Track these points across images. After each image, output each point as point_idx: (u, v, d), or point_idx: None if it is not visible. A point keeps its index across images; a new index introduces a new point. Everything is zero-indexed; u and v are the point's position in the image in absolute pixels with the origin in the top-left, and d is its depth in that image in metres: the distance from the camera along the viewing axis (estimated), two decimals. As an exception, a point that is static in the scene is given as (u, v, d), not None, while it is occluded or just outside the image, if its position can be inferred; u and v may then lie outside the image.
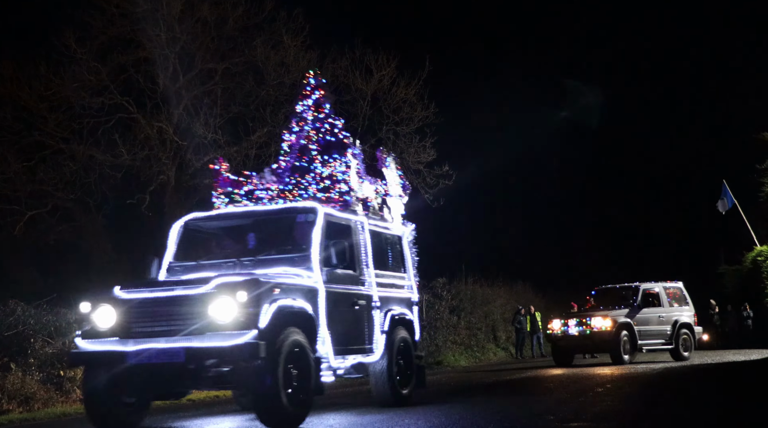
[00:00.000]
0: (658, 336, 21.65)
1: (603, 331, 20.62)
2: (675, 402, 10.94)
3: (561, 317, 22.09)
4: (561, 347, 21.65)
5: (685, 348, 22.10)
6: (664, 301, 22.15)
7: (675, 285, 22.88)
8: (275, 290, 8.78)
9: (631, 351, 20.99)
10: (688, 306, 22.75)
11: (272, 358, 8.43)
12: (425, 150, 22.86)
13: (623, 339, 20.65)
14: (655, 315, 21.73)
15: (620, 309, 21.27)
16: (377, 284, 11.10)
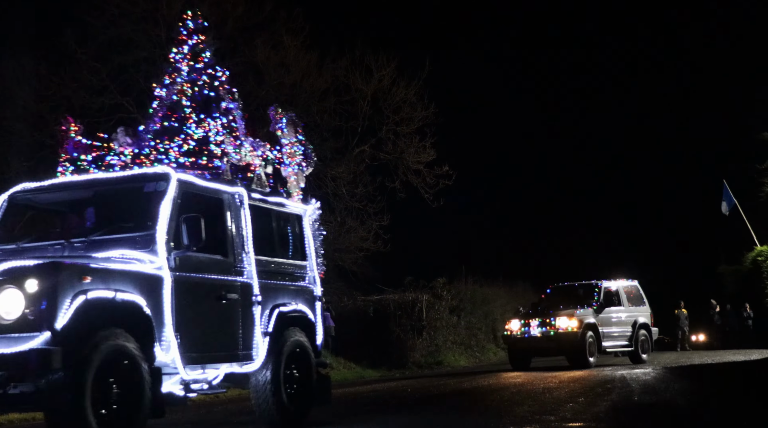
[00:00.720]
0: (620, 337, 20.56)
1: (569, 332, 19.14)
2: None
3: (520, 316, 20.53)
4: (520, 350, 20.02)
5: (644, 350, 21.09)
6: (624, 300, 21.02)
7: (632, 284, 21.86)
8: (85, 278, 6.77)
9: (595, 353, 19.67)
10: (645, 306, 21.76)
11: (76, 370, 6.51)
12: (425, 150, 22.86)
13: (588, 340, 19.32)
14: (617, 315, 20.60)
15: (585, 309, 19.82)
16: (261, 272, 8.87)
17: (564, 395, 11.81)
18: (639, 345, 20.80)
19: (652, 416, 9.49)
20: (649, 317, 21.54)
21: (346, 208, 23.18)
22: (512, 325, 20.12)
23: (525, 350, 19.94)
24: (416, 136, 22.86)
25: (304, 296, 9.71)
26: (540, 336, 19.42)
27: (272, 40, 22.15)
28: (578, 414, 9.20)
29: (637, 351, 20.76)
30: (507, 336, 20.25)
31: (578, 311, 19.56)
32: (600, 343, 19.66)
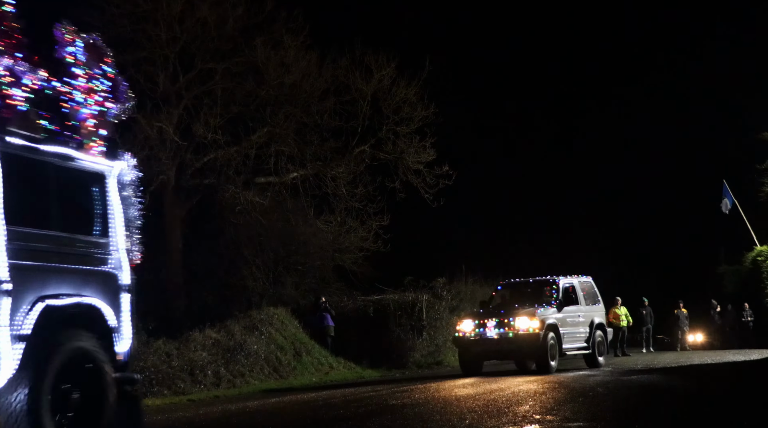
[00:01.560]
0: (579, 338, 18.72)
1: (530, 333, 17.10)
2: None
3: (473, 316, 18.28)
4: (474, 353, 17.81)
5: (600, 352, 19.32)
6: (581, 298, 19.19)
7: (586, 280, 20.04)
8: None
9: (556, 356, 17.71)
10: (600, 304, 20.13)
11: None
12: (425, 150, 22.86)
13: (550, 342, 17.34)
14: (575, 315, 18.70)
15: (546, 308, 17.88)
16: (19, 250, 6.63)
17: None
18: (596, 346, 19.11)
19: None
20: (603, 316, 20.06)
21: (346, 208, 23.18)
22: (464, 326, 17.92)
23: (479, 353, 17.83)
24: (416, 136, 22.86)
25: (99, 285, 7.39)
26: (497, 337, 17.35)
27: (272, 40, 22.15)
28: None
29: (594, 353, 19.02)
30: (458, 338, 18.01)
31: (539, 311, 17.59)
32: (561, 345, 17.78)
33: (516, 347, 17.32)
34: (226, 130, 21.88)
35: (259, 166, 22.54)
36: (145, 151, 20.87)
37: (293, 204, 23.53)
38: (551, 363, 17.30)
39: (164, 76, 21.30)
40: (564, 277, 19.20)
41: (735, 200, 27.56)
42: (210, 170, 22.52)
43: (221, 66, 21.89)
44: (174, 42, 21.39)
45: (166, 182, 21.69)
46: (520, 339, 17.18)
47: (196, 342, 17.58)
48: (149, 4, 20.94)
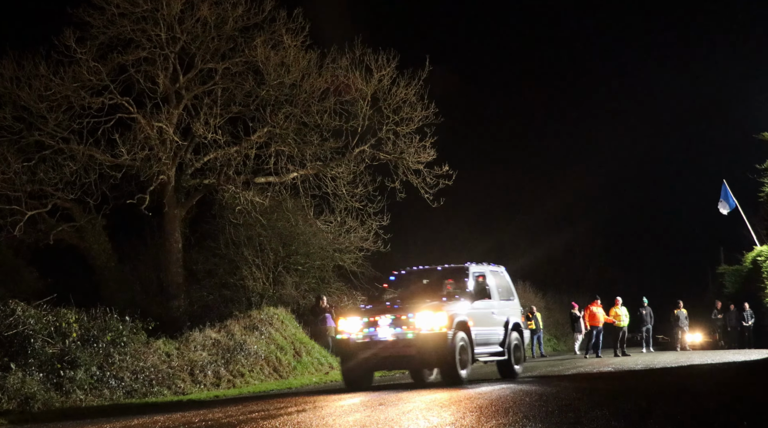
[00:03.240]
0: (493, 341, 15.05)
1: (435, 334, 13.32)
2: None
3: (360, 312, 14.23)
4: (362, 361, 13.81)
5: (517, 359, 15.65)
6: (494, 291, 15.44)
7: (498, 270, 16.44)
8: None
9: (467, 362, 13.90)
10: (515, 300, 16.50)
11: None
12: (425, 150, 22.85)
13: (460, 344, 13.58)
14: (488, 311, 14.99)
15: (455, 301, 14.23)
16: None
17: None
18: (512, 352, 15.46)
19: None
20: (519, 315, 16.39)
21: (346, 208, 23.17)
22: (349, 325, 13.95)
23: (368, 361, 13.83)
24: (416, 136, 22.84)
25: None
26: (393, 339, 13.56)
27: (272, 40, 22.15)
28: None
29: (509, 360, 15.34)
30: (340, 342, 14.04)
31: (447, 305, 13.88)
32: (472, 349, 14.04)
33: (417, 352, 13.44)
34: (226, 130, 21.89)
35: (259, 166, 22.54)
36: (145, 151, 20.88)
37: (293, 204, 23.53)
38: (461, 371, 13.48)
39: (164, 76, 21.30)
40: (474, 264, 15.50)
41: (735, 201, 27.55)
42: (210, 170, 22.52)
43: (221, 66, 21.90)
44: (174, 42, 21.39)
45: (166, 182, 21.69)
46: (421, 341, 13.36)
47: (196, 342, 17.59)
48: (149, 4, 20.94)
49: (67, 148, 20.76)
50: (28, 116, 20.67)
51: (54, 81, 20.35)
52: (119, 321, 16.08)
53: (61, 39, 20.45)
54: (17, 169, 20.30)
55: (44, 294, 16.53)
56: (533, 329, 30.26)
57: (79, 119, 20.87)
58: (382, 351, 13.72)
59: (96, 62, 20.69)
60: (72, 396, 13.86)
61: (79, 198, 21.35)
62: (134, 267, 24.43)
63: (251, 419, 9.26)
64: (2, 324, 14.09)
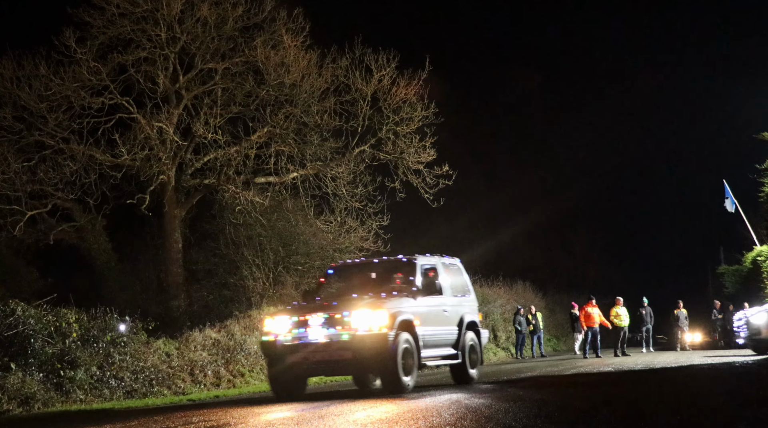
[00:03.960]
0: (444, 342, 13.53)
1: (374, 335, 11.77)
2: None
3: (291, 311, 12.62)
4: (291, 366, 12.26)
5: (472, 362, 14.08)
6: (446, 286, 13.87)
7: (452, 262, 14.89)
8: None
9: (412, 368, 12.31)
10: (471, 296, 14.96)
11: None
12: (425, 150, 22.85)
13: (404, 347, 12.06)
14: (439, 309, 13.48)
15: (398, 298, 12.68)
16: None
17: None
18: (467, 354, 13.90)
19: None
20: (476, 312, 14.87)
21: (346, 208, 23.17)
22: (276, 325, 12.38)
23: (299, 367, 12.26)
24: (416, 136, 22.84)
25: None
26: (326, 341, 11.98)
27: (272, 40, 22.15)
28: None
29: (464, 363, 13.79)
30: (267, 344, 12.43)
31: (388, 301, 12.37)
32: (419, 352, 12.49)
33: (353, 355, 11.92)
34: (226, 130, 21.89)
35: (259, 166, 22.54)
36: (145, 151, 20.89)
37: (293, 204, 23.53)
38: (404, 378, 12.02)
39: (164, 76, 21.31)
40: (423, 256, 14.02)
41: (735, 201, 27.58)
42: (210, 170, 22.52)
43: (221, 66, 21.90)
44: (174, 42, 21.40)
45: (166, 182, 21.69)
46: (358, 343, 11.82)
47: (196, 342, 17.59)
48: (149, 4, 20.95)
49: (67, 148, 20.76)
50: (28, 116, 20.67)
51: (54, 81, 20.35)
52: (119, 321, 16.09)
53: (61, 39, 20.46)
54: (17, 169, 20.30)
55: (44, 294, 16.54)
56: (533, 329, 30.31)
57: (79, 119, 20.88)
58: (313, 354, 12.09)
59: (96, 62, 20.69)
60: (72, 396, 13.87)
61: (79, 198, 21.36)
62: (134, 267, 24.44)
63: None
64: (2, 324, 14.10)
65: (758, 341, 20.38)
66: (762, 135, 26.78)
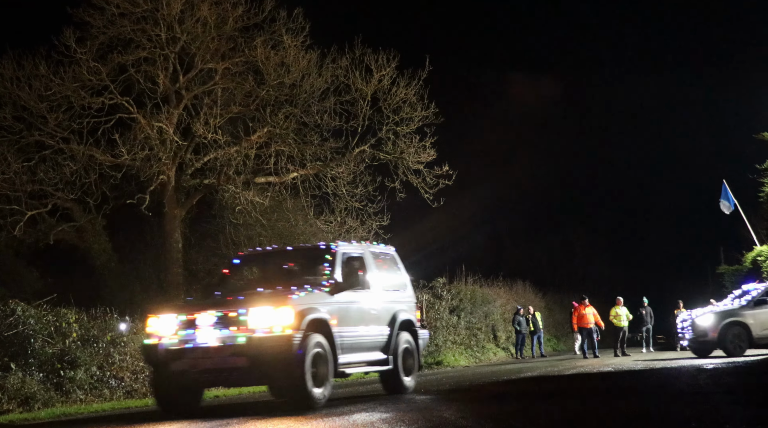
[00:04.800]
0: (370, 345, 11.73)
1: (275, 337, 9.88)
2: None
3: (178, 308, 10.82)
4: (177, 375, 10.36)
5: (407, 369, 12.34)
6: (375, 279, 12.24)
7: (385, 251, 13.15)
8: None
9: (326, 377, 10.42)
10: (408, 291, 13.18)
11: None
12: (425, 150, 22.85)
13: (314, 352, 10.17)
14: (364, 306, 11.70)
15: (308, 292, 10.73)
16: None
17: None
18: (400, 359, 12.16)
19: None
20: (413, 310, 13.10)
21: (346, 208, 23.17)
22: (161, 325, 10.46)
23: (184, 376, 10.35)
24: (416, 136, 22.85)
25: None
26: (218, 345, 10.09)
27: (272, 40, 22.15)
28: None
29: (396, 370, 12.05)
30: (148, 348, 10.54)
31: (294, 296, 10.38)
32: (336, 358, 10.63)
33: (250, 362, 9.97)
34: (226, 130, 21.88)
35: (259, 166, 22.53)
36: (145, 151, 20.88)
37: (293, 204, 23.52)
38: (314, 391, 10.08)
39: (164, 76, 21.30)
40: (346, 243, 12.30)
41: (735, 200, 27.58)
42: (210, 170, 22.51)
43: (221, 66, 21.89)
44: (174, 42, 21.39)
45: (166, 182, 21.68)
46: (256, 348, 9.89)
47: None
48: (149, 4, 20.94)
49: (67, 148, 20.76)
50: (28, 116, 20.67)
51: (54, 81, 20.35)
52: (119, 321, 16.08)
53: (61, 39, 20.46)
54: (17, 169, 20.30)
55: (44, 294, 16.53)
56: (533, 329, 30.33)
57: (79, 119, 20.87)
58: (201, 361, 10.14)
59: (96, 62, 20.68)
60: (72, 396, 13.87)
61: (79, 198, 21.35)
62: (134, 267, 24.43)
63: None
64: (2, 324, 14.10)
65: (704, 343, 20.07)
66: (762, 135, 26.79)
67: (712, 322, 19.83)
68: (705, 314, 20.45)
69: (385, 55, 22.49)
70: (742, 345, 19.59)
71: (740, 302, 20.61)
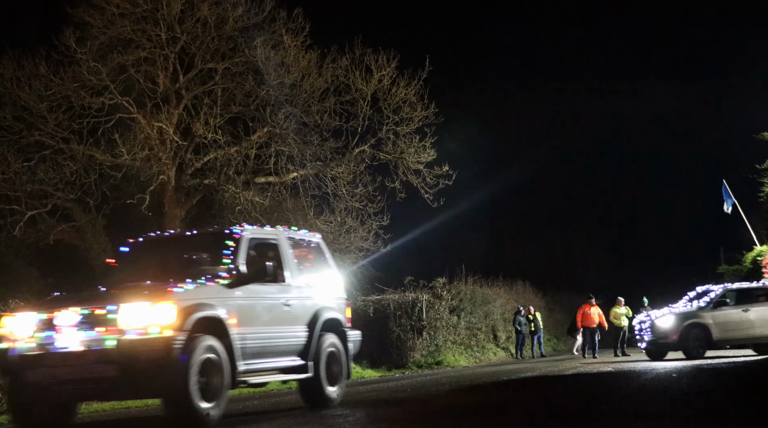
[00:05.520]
0: (283, 350, 10.04)
1: (151, 340, 8.29)
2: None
3: (37, 306, 9.09)
4: (34, 387, 8.72)
5: (332, 377, 10.68)
6: (291, 269, 10.42)
7: (308, 238, 11.34)
8: None
9: (220, 389, 8.78)
10: (336, 286, 11.43)
11: None
12: (425, 150, 22.85)
13: (202, 358, 8.53)
14: (275, 302, 9.98)
15: (198, 285, 8.99)
16: None
17: None
18: (322, 366, 10.51)
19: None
20: (343, 310, 11.30)
21: (346, 208, 23.17)
22: (17, 326, 8.77)
23: (40, 388, 8.68)
24: (416, 136, 22.85)
25: None
26: (82, 349, 8.42)
27: (272, 40, 22.15)
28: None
29: (318, 379, 10.42)
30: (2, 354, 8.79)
31: (178, 289, 8.70)
32: (235, 365, 8.97)
33: (120, 372, 8.31)
34: (226, 130, 21.89)
35: (259, 166, 22.53)
36: (145, 151, 20.88)
37: (293, 204, 23.52)
38: (202, 406, 8.43)
39: (164, 76, 21.30)
40: (255, 227, 10.65)
41: (735, 200, 27.59)
42: (210, 170, 22.51)
43: (221, 66, 21.89)
44: (174, 42, 21.39)
45: (166, 182, 21.68)
46: (127, 353, 8.25)
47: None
48: (149, 4, 20.94)
49: (67, 148, 20.76)
50: (28, 116, 20.67)
51: (54, 81, 20.35)
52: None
53: (61, 39, 20.45)
54: (17, 169, 20.30)
55: (44, 294, 16.50)
56: (533, 329, 30.34)
57: (79, 119, 20.87)
58: (61, 370, 8.43)
59: (96, 62, 20.68)
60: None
61: (79, 198, 21.35)
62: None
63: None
64: (2, 324, 14.05)
65: (664, 345, 19.61)
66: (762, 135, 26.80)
67: (673, 324, 19.43)
68: (665, 315, 20.01)
69: (385, 55, 22.51)
70: (702, 347, 19.29)
71: (698, 304, 20.24)
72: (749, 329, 19.52)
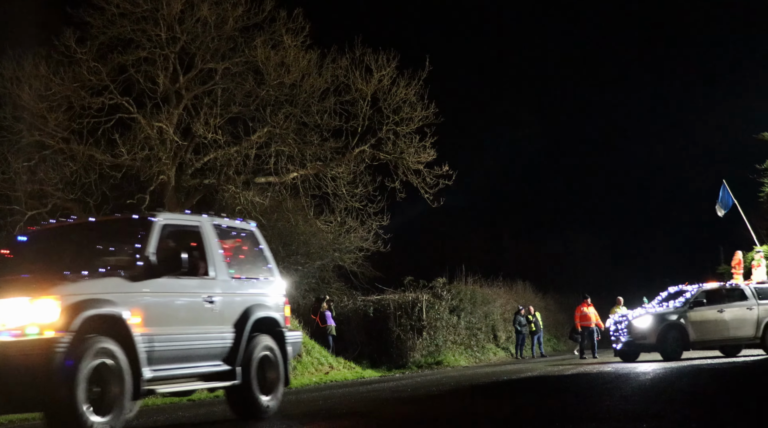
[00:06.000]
0: (205, 353, 8.76)
1: (28, 342, 7.09)
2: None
3: None
4: None
5: (266, 384, 9.35)
6: (216, 262, 9.04)
7: (239, 227, 9.94)
8: None
9: (119, 400, 7.55)
10: (271, 279, 9.90)
11: None
12: (425, 150, 22.85)
13: (94, 364, 7.30)
14: (194, 298, 8.68)
15: (94, 278, 7.83)
16: None
17: None
18: (254, 372, 9.20)
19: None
20: (281, 308, 9.86)
21: (346, 208, 23.18)
22: None
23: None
24: (416, 136, 22.85)
25: None
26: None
27: (272, 40, 22.15)
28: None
29: (249, 387, 9.11)
30: None
31: (66, 283, 7.58)
32: (139, 371, 7.73)
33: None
34: (226, 130, 21.89)
35: (259, 166, 22.54)
36: (145, 151, 20.89)
37: (293, 204, 23.53)
38: (92, 420, 7.22)
39: (164, 76, 21.30)
40: (172, 214, 9.44)
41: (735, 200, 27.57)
42: (210, 170, 22.52)
43: (221, 66, 21.89)
44: (174, 42, 21.39)
45: (166, 182, 21.69)
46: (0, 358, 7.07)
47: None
48: (149, 4, 20.95)
49: (67, 148, 20.77)
50: (28, 116, 20.66)
51: (54, 81, 20.35)
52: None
53: (61, 39, 20.46)
54: (17, 169, 20.31)
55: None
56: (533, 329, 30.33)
57: (79, 119, 20.87)
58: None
59: (96, 62, 20.69)
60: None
61: (79, 198, 21.35)
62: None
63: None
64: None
65: (641, 346, 19.16)
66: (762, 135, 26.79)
67: (651, 324, 18.89)
68: (642, 315, 19.45)
69: (385, 55, 22.52)
70: (678, 348, 18.88)
71: (675, 304, 19.63)
72: (724, 330, 19.03)
